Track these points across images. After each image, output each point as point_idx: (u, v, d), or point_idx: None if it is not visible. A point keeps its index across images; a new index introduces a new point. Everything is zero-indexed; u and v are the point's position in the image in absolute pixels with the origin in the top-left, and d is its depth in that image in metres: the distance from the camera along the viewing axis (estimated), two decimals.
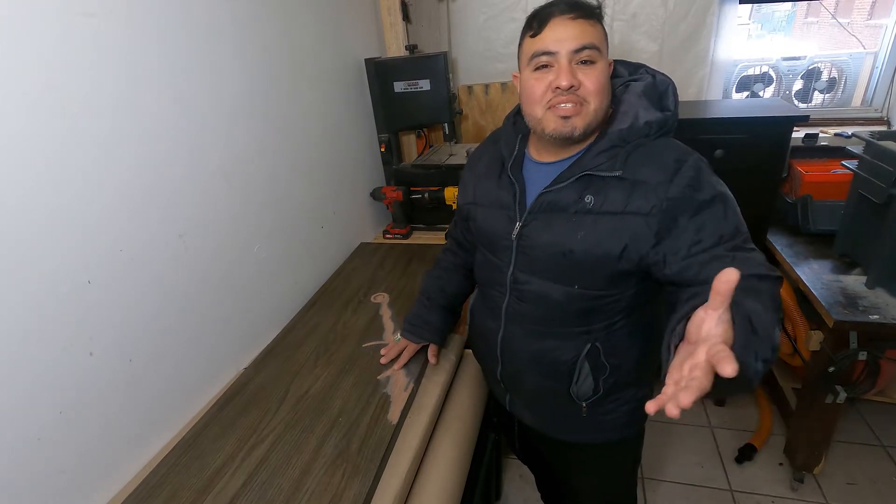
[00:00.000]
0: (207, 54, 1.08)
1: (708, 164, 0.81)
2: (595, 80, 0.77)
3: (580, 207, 0.81)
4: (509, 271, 0.91)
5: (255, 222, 1.27)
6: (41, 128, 0.76)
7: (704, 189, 0.76)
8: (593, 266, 0.82)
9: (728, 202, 0.77)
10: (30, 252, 0.76)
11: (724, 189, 0.79)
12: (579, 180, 0.81)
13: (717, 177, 0.80)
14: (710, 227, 0.75)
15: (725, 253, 0.73)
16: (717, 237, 0.75)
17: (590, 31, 0.77)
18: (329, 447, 0.92)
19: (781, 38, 2.38)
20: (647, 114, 0.81)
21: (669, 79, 0.85)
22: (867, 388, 1.47)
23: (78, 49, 0.81)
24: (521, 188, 0.88)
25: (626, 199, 0.78)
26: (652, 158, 0.79)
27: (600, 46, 0.78)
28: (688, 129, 1.64)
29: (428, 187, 1.84)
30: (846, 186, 1.52)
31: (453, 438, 1.06)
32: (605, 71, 0.79)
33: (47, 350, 0.79)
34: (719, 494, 1.68)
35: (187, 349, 1.07)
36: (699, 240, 0.75)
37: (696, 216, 0.75)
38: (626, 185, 0.78)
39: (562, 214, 0.83)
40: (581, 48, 0.76)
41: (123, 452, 0.94)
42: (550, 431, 1.03)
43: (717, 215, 0.76)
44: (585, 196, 0.80)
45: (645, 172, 0.78)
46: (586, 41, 0.76)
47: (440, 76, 1.74)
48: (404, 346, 1.16)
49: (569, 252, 0.82)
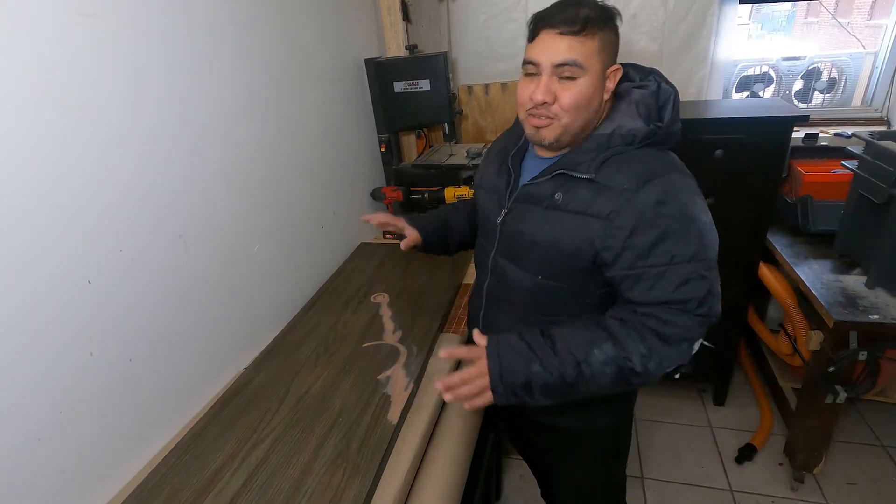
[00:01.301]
0: (207, 54, 1.08)
1: (691, 184, 0.80)
2: (570, 97, 0.79)
3: (550, 203, 0.85)
4: (492, 254, 0.98)
5: (255, 222, 1.27)
6: (41, 127, 0.76)
7: (670, 206, 0.76)
8: (552, 259, 0.87)
9: (693, 225, 0.77)
10: (30, 252, 0.76)
11: (698, 213, 0.78)
12: (555, 178, 0.85)
13: (697, 200, 0.79)
14: (664, 245, 0.76)
15: (658, 272, 0.77)
16: (668, 257, 0.77)
17: (576, 48, 0.77)
18: (329, 447, 0.92)
19: (781, 38, 2.37)
20: (631, 122, 0.82)
21: (673, 90, 0.84)
22: (867, 388, 1.47)
23: (78, 49, 0.81)
24: (515, 178, 0.93)
25: (590, 200, 0.80)
26: (627, 166, 0.80)
27: (585, 63, 0.77)
28: (688, 129, 1.63)
29: (428, 187, 1.84)
30: (846, 186, 1.53)
31: (453, 438, 1.06)
32: (589, 86, 0.79)
33: (47, 350, 0.79)
34: (719, 494, 1.68)
35: (187, 349, 1.07)
36: (647, 255, 0.77)
37: (651, 231, 0.76)
38: (595, 188, 0.80)
39: (536, 207, 0.88)
40: (562, 64, 0.78)
41: (123, 452, 0.94)
42: (527, 411, 1.06)
43: (676, 236, 0.76)
44: (556, 193, 0.84)
45: (616, 179, 0.79)
46: (569, 58, 0.77)
47: (440, 76, 1.74)
48: (396, 221, 1.14)
49: (533, 243, 0.88)
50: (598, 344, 0.80)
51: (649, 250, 0.77)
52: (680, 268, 0.77)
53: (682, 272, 0.77)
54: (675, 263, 0.76)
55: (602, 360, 0.79)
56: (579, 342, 0.80)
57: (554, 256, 0.86)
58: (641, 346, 0.78)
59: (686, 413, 2.03)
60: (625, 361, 0.79)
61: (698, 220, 0.78)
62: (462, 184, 1.81)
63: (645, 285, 0.79)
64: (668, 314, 0.78)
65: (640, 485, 1.73)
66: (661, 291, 0.78)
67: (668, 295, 0.78)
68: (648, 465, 1.81)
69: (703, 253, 0.77)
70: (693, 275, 0.77)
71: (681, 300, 0.77)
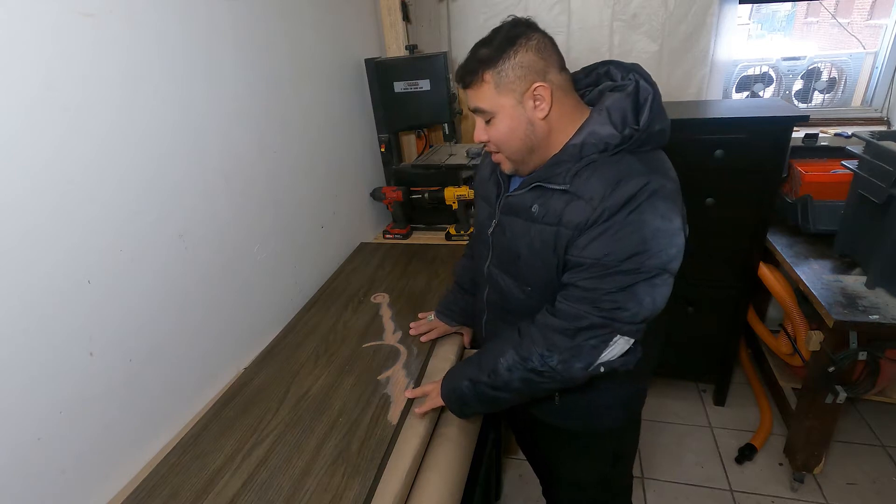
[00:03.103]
0: (207, 54, 1.08)
1: (663, 192, 0.76)
2: (493, 135, 0.84)
3: (528, 215, 0.86)
4: (486, 264, 0.99)
5: (255, 222, 1.27)
6: (41, 127, 0.76)
7: (628, 206, 0.75)
8: (535, 272, 0.87)
9: (641, 229, 0.74)
10: (30, 252, 0.76)
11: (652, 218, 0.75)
12: (533, 189, 0.85)
13: (660, 204, 0.75)
14: (601, 242, 0.76)
15: (581, 283, 0.79)
16: (601, 253, 0.76)
17: (476, 96, 0.82)
18: (329, 447, 0.92)
19: (781, 38, 2.37)
20: (602, 129, 0.79)
21: (651, 89, 0.81)
22: (867, 388, 1.47)
23: (77, 49, 0.81)
24: (504, 188, 0.93)
25: (562, 211, 0.80)
26: (598, 175, 0.78)
27: (487, 107, 0.81)
28: (688, 129, 1.65)
29: (428, 187, 1.84)
30: (846, 186, 1.52)
31: (453, 438, 1.06)
32: (505, 121, 0.82)
33: (47, 350, 0.79)
34: (719, 494, 1.68)
35: (187, 349, 1.07)
36: (585, 247, 0.78)
37: (597, 229, 0.76)
38: (567, 199, 0.80)
39: (517, 219, 0.88)
40: (474, 111, 0.84)
41: (123, 452, 0.94)
42: (532, 411, 1.08)
43: (616, 236, 0.75)
44: (533, 205, 0.84)
45: (587, 188, 0.78)
46: (474, 106, 0.83)
47: (440, 76, 1.74)
48: (436, 325, 1.23)
49: (517, 256, 0.89)
50: (503, 352, 0.87)
51: (587, 244, 0.77)
52: (608, 264, 0.76)
53: (608, 268, 0.76)
54: (605, 260, 0.76)
55: (506, 366, 0.86)
56: (491, 353, 0.90)
57: (535, 269, 0.87)
58: (542, 344, 0.82)
59: (686, 413, 2.03)
60: (525, 363, 0.84)
61: (649, 224, 0.75)
62: (462, 184, 1.81)
63: (571, 273, 0.81)
64: (573, 303, 0.80)
65: (640, 485, 1.73)
66: (575, 276, 0.79)
67: (581, 281, 0.79)
68: (649, 465, 1.81)
69: (641, 257, 0.75)
70: (618, 273, 0.76)
71: (590, 288, 0.77)
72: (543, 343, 0.82)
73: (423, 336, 1.22)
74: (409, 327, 1.25)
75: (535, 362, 0.83)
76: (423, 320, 1.26)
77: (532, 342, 0.84)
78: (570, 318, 0.80)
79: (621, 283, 0.76)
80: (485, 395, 0.90)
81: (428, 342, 1.22)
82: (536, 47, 0.78)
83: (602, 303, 0.78)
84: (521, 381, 0.86)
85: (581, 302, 0.79)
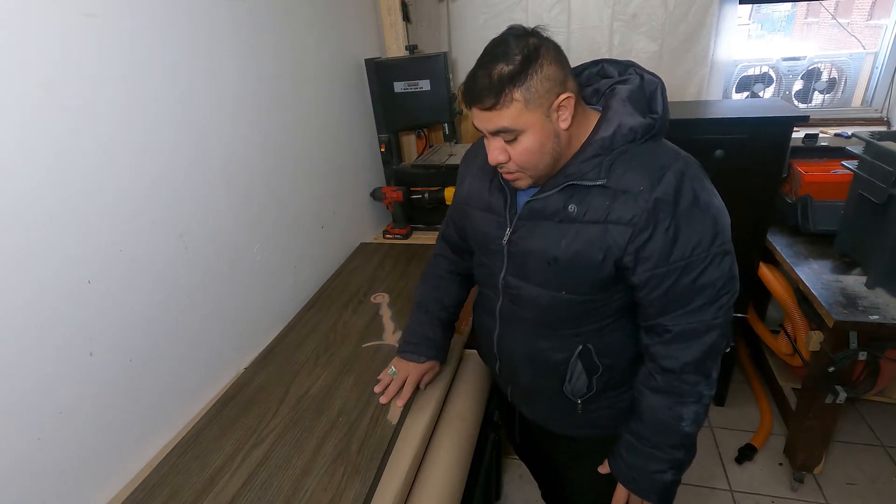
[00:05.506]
0: (208, 54, 1.08)
1: (697, 169, 0.80)
2: (519, 154, 0.79)
3: (565, 216, 0.82)
4: (501, 275, 0.93)
5: (255, 222, 1.27)
6: (41, 128, 0.76)
7: (685, 195, 0.76)
8: (577, 273, 0.84)
9: (708, 212, 0.77)
10: (30, 252, 0.76)
11: (709, 197, 0.78)
12: (564, 189, 0.82)
13: (705, 183, 0.80)
14: (684, 236, 0.77)
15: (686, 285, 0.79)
16: (689, 248, 0.77)
17: (501, 117, 0.75)
18: (329, 447, 0.92)
19: (781, 39, 2.38)
20: (630, 119, 0.79)
21: (658, 79, 0.83)
22: (867, 388, 1.47)
23: (78, 49, 0.81)
24: (511, 195, 0.89)
25: (608, 207, 0.79)
26: (636, 165, 0.78)
27: (515, 125, 0.75)
28: (688, 129, 1.65)
29: (428, 187, 1.84)
30: (846, 186, 1.53)
31: (453, 438, 1.06)
32: (534, 136, 0.76)
33: (47, 350, 0.79)
34: (719, 494, 1.68)
35: (187, 349, 1.07)
36: (670, 251, 0.77)
37: (669, 227, 0.76)
38: (610, 194, 0.79)
39: (547, 223, 0.84)
40: (496, 132, 0.78)
41: (123, 452, 0.94)
42: (548, 425, 1.06)
43: (691, 227, 0.76)
44: (569, 205, 0.82)
45: (628, 180, 0.78)
46: (498, 126, 0.76)
47: (440, 76, 1.74)
48: (406, 374, 1.05)
49: (553, 260, 0.84)
50: (677, 415, 0.85)
51: (671, 247, 0.77)
52: (699, 257, 0.77)
53: (702, 261, 0.78)
54: (695, 254, 0.77)
55: (691, 420, 0.85)
56: (659, 426, 0.87)
57: (577, 270, 0.83)
58: (698, 378, 0.83)
59: None
60: (700, 401, 0.84)
61: (711, 205, 0.78)
62: None
63: (668, 282, 0.79)
64: (693, 315, 0.80)
65: None
66: (671, 287, 0.79)
67: (683, 292, 0.80)
68: None
69: (720, 237, 0.78)
70: (712, 261, 0.78)
71: (704, 285, 0.79)
72: (698, 375, 0.83)
73: (398, 399, 1.02)
74: (374, 392, 1.04)
75: (706, 397, 0.85)
76: (385, 379, 1.06)
77: (685, 383, 0.83)
78: (698, 335, 0.81)
79: (722, 269, 0.79)
80: (682, 463, 0.90)
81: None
82: (556, 57, 0.76)
83: (719, 299, 0.80)
84: (702, 416, 0.86)
85: (699, 312, 0.80)
